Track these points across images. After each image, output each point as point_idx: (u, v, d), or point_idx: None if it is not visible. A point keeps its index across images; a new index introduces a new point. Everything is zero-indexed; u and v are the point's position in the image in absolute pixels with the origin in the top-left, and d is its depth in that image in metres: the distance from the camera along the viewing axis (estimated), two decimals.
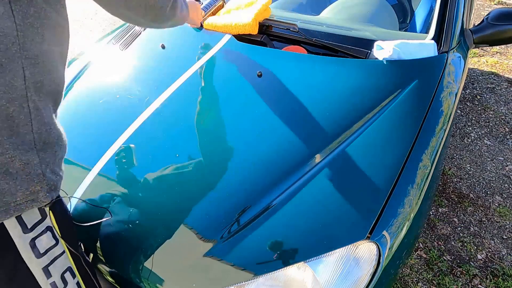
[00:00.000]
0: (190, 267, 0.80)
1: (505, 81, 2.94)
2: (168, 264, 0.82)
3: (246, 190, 0.89)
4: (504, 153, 2.21)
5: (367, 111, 1.03)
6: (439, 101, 1.09)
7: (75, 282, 0.73)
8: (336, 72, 1.15)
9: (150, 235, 0.86)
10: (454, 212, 1.83)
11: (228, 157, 0.97)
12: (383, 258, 0.79)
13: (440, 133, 1.03)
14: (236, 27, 1.31)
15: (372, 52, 1.20)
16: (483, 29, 1.38)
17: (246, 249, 0.79)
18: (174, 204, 0.90)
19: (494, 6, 4.54)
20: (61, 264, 0.70)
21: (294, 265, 0.76)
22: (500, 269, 1.55)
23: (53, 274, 0.68)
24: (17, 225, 0.61)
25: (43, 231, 0.65)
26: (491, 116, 2.53)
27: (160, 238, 0.85)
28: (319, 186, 0.87)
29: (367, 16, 1.46)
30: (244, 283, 0.76)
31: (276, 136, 1.00)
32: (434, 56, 1.18)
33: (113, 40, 1.50)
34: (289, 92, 1.11)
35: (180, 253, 0.82)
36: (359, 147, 0.94)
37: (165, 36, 1.41)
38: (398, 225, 0.84)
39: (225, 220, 0.84)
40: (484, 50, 3.44)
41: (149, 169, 0.97)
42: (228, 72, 1.22)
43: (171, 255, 0.82)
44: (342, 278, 0.77)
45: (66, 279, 0.71)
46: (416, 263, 1.58)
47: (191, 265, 0.80)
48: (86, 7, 5.03)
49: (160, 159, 0.98)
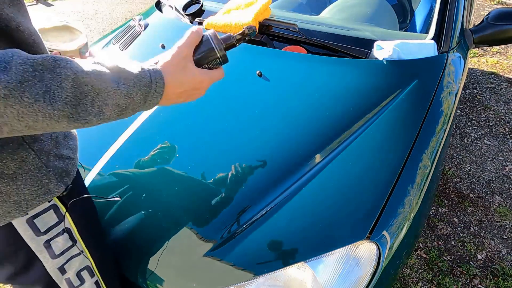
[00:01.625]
0: (190, 267, 0.80)
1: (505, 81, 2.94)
2: (168, 264, 0.82)
3: (246, 190, 0.89)
4: (504, 153, 2.20)
5: (367, 111, 1.03)
6: (439, 101, 1.09)
7: (94, 281, 0.72)
8: (336, 72, 1.15)
9: (150, 235, 0.86)
10: (454, 212, 1.83)
11: (228, 157, 0.97)
12: (383, 258, 0.79)
13: (440, 133, 1.03)
14: (236, 27, 1.31)
15: (372, 52, 1.20)
16: (483, 29, 1.38)
17: (246, 249, 0.79)
18: (174, 204, 0.89)
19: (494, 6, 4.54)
20: (78, 262, 0.68)
21: (294, 265, 0.76)
22: (500, 269, 1.55)
23: (68, 270, 0.66)
24: (29, 228, 0.59)
25: (59, 233, 0.63)
26: (491, 116, 2.53)
27: (160, 238, 0.85)
28: (319, 186, 0.87)
29: (367, 16, 1.46)
30: (244, 283, 0.76)
31: (276, 136, 1.00)
32: (434, 56, 1.18)
33: (113, 40, 1.50)
34: (289, 92, 1.11)
35: (180, 253, 0.82)
36: (359, 147, 0.94)
37: (165, 36, 1.41)
38: (398, 225, 0.84)
39: (225, 220, 0.84)
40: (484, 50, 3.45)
41: (149, 169, 0.97)
42: (227, 72, 1.21)
43: (171, 255, 0.82)
44: (342, 278, 0.77)
45: (83, 277, 0.69)
46: (416, 263, 1.58)
47: (191, 265, 0.80)
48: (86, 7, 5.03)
49: (160, 159, 0.98)
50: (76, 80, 0.45)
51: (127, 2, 5.20)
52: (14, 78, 0.40)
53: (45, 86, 0.42)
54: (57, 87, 0.43)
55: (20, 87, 0.40)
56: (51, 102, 0.43)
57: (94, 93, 0.46)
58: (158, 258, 0.83)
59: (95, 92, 0.47)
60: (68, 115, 0.45)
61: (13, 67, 0.40)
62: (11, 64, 0.41)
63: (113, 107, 0.49)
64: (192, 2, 1.57)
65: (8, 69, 0.40)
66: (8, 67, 0.40)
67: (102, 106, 0.48)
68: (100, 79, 0.47)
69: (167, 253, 0.83)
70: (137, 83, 0.51)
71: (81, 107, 0.46)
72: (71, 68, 0.45)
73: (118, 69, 0.50)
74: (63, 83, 0.44)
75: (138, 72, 0.52)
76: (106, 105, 0.48)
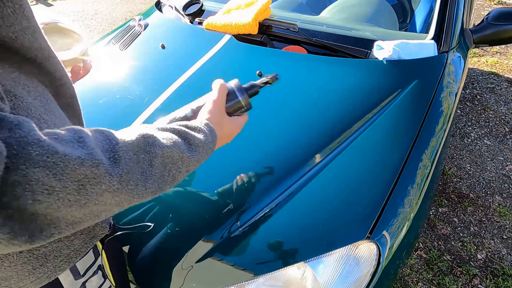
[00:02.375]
0: (190, 267, 0.80)
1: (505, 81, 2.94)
2: (168, 264, 0.82)
3: (246, 190, 0.89)
4: (504, 153, 2.20)
5: (367, 111, 1.03)
6: (439, 101, 1.08)
7: None
8: (336, 72, 1.15)
9: (149, 235, 0.86)
10: (454, 212, 1.83)
11: (228, 157, 0.97)
12: (383, 258, 0.79)
13: (440, 133, 1.03)
14: (236, 27, 1.31)
15: (372, 52, 1.20)
16: (483, 29, 1.38)
17: (246, 249, 0.79)
18: (174, 204, 0.89)
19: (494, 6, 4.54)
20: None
21: (294, 265, 0.76)
22: (500, 269, 1.55)
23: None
24: (70, 274, 0.56)
25: (94, 272, 0.61)
26: (491, 116, 2.53)
27: (159, 238, 0.85)
28: (319, 186, 0.87)
29: (367, 16, 1.46)
30: (244, 283, 0.76)
31: (276, 136, 1.00)
32: (434, 56, 1.18)
33: (113, 40, 1.50)
34: (289, 92, 1.11)
35: (180, 253, 0.82)
36: (359, 147, 0.94)
37: (165, 36, 1.41)
38: (398, 225, 0.84)
39: (225, 220, 0.84)
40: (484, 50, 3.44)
41: None
42: (228, 72, 1.22)
43: (171, 255, 0.82)
44: (342, 278, 0.77)
45: None
46: (416, 263, 1.58)
47: (191, 265, 0.80)
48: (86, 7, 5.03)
49: None
50: (163, 155, 0.44)
51: (127, 2, 5.20)
52: (125, 170, 0.39)
53: (141, 168, 0.41)
54: (149, 165, 0.42)
55: (127, 176, 0.39)
56: (145, 183, 0.42)
57: (172, 163, 0.46)
58: (158, 258, 0.82)
59: (173, 162, 0.46)
60: (155, 190, 0.44)
61: (122, 159, 0.39)
62: (119, 153, 0.39)
63: (184, 174, 0.49)
64: (192, 2, 1.57)
65: (118, 161, 0.38)
66: (118, 159, 0.39)
67: (176, 174, 0.47)
68: (178, 150, 0.47)
69: (167, 253, 0.83)
70: (205, 149, 0.52)
71: (163, 179, 0.45)
72: (158, 145, 0.44)
73: (186, 135, 0.50)
74: (153, 161, 0.43)
75: (204, 138, 0.52)
76: (179, 173, 0.48)
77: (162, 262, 0.82)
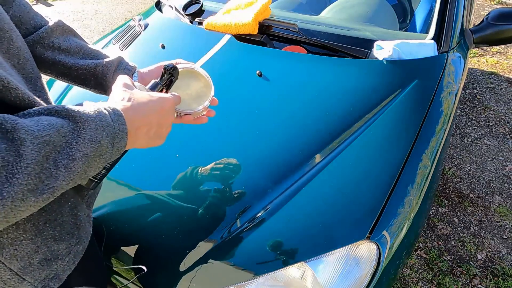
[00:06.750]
0: (190, 267, 0.80)
1: (505, 81, 2.94)
2: (168, 264, 0.82)
3: (246, 190, 0.89)
4: (504, 153, 2.20)
5: (367, 111, 1.03)
6: (439, 101, 1.08)
7: None
8: (336, 72, 1.15)
9: (149, 235, 0.86)
10: (454, 212, 1.83)
11: (228, 157, 0.97)
12: (383, 258, 0.79)
13: (440, 133, 1.03)
14: (236, 27, 1.31)
15: (372, 52, 1.20)
16: (483, 29, 1.38)
17: (246, 249, 0.79)
18: (174, 204, 0.89)
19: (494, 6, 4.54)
20: None
21: (294, 265, 0.76)
22: (500, 269, 1.55)
23: None
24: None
25: None
26: (491, 116, 2.53)
27: (160, 238, 0.85)
28: (319, 186, 0.87)
29: (367, 16, 1.46)
30: (244, 283, 0.76)
31: (276, 136, 1.00)
32: (434, 56, 1.18)
33: (113, 40, 1.50)
34: (289, 92, 1.11)
35: (180, 253, 0.82)
36: (359, 147, 0.94)
37: (165, 36, 1.41)
38: (398, 225, 0.84)
39: (225, 220, 0.84)
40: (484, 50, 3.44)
41: (149, 169, 0.97)
42: (228, 72, 1.22)
43: (171, 255, 0.82)
44: (342, 278, 0.77)
45: None
46: (416, 263, 1.58)
47: (191, 265, 0.80)
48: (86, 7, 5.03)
49: (160, 159, 0.98)
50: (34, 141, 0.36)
51: (127, 2, 5.20)
52: None
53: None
54: (16, 156, 0.34)
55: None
56: (8, 179, 0.33)
57: (55, 152, 0.38)
58: (158, 258, 0.82)
59: (56, 150, 0.38)
60: (32, 188, 0.36)
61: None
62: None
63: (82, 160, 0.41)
64: (192, 2, 1.57)
65: None
66: None
67: (69, 164, 0.39)
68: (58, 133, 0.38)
69: (167, 253, 0.83)
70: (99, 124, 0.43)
71: (45, 173, 0.37)
72: (24, 129, 0.35)
73: (69, 113, 0.41)
74: (20, 150, 0.34)
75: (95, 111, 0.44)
76: (73, 161, 0.40)
77: (162, 263, 0.82)
